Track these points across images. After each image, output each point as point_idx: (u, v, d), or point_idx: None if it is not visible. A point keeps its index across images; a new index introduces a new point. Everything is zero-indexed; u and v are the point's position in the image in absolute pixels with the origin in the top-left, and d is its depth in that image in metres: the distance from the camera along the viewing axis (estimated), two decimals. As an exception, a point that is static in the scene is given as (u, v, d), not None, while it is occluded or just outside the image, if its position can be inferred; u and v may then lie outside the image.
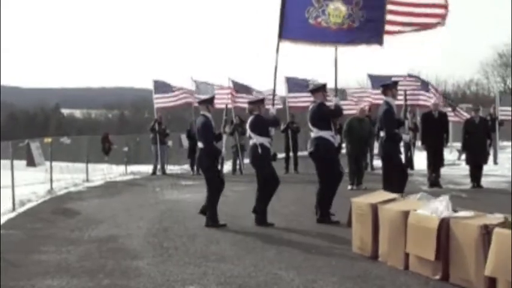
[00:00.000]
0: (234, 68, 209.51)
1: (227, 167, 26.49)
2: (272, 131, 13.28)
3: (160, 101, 28.60)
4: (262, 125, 13.09)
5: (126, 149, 31.04)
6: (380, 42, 14.66)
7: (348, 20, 14.31)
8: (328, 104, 13.47)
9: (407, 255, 8.60)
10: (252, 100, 14.20)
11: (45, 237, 11.85)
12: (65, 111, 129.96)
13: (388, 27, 14.65)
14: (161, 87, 28.64)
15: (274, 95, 15.18)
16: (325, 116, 12.95)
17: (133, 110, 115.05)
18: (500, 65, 77.18)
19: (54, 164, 22.86)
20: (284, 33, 14.19)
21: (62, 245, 10.96)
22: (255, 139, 13.04)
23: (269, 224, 12.75)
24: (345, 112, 18.83)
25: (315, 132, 13.01)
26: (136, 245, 10.98)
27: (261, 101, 13.67)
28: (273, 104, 14.32)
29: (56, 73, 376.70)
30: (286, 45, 14.39)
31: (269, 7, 16.82)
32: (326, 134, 12.88)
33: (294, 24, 14.27)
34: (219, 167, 13.47)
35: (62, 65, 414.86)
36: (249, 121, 13.30)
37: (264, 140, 13.02)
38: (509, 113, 27.67)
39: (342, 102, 18.82)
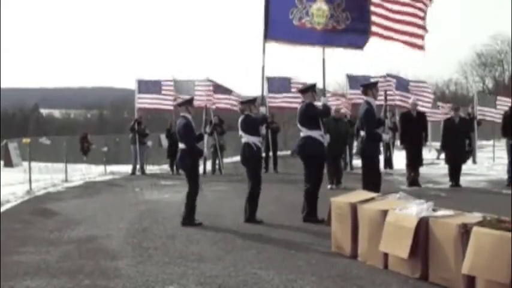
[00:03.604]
0: (216, 68, 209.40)
1: (207, 167, 26.54)
2: (263, 130, 13.41)
3: (143, 101, 28.45)
4: (252, 125, 13.20)
5: (105, 149, 30.90)
6: (362, 46, 14.79)
7: (332, 21, 14.40)
8: (316, 103, 13.57)
9: (386, 254, 8.63)
10: (243, 100, 14.29)
11: (24, 238, 11.78)
12: (44, 111, 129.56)
13: (376, 29, 14.74)
14: (145, 86, 28.46)
15: (262, 94, 15.23)
16: (313, 115, 13.03)
17: (112, 110, 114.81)
18: (478, 64, 78.00)
19: (33, 164, 22.74)
20: (269, 34, 14.26)
21: (41, 246, 10.91)
22: (246, 138, 13.14)
23: (258, 221, 12.93)
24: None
25: (303, 132, 13.11)
26: (115, 245, 10.95)
27: (252, 101, 13.75)
28: (262, 103, 14.40)
29: (34, 73, 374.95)
30: (271, 46, 14.46)
31: (254, 8, 16.91)
32: (315, 134, 12.97)
33: (279, 26, 14.35)
34: (201, 167, 13.61)
35: (41, 64, 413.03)
36: (239, 121, 13.39)
37: (255, 140, 13.14)
38: (488, 112, 27.86)
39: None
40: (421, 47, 14.86)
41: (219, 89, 27.42)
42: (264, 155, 26.31)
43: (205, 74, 27.49)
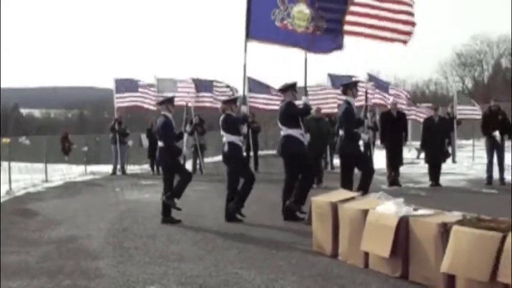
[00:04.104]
0: (198, 67, 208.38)
1: (187, 166, 26.52)
2: (244, 129, 13.44)
3: (121, 101, 28.38)
4: (233, 124, 13.24)
5: (85, 148, 30.81)
6: (340, 47, 14.85)
7: (312, 24, 14.45)
8: (297, 102, 13.59)
9: (367, 253, 8.66)
10: (225, 99, 14.34)
11: (4, 238, 11.69)
12: (24, 110, 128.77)
13: (352, 28, 14.79)
14: (123, 85, 28.40)
15: (244, 93, 15.25)
16: (293, 114, 13.05)
17: (93, 110, 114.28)
18: (458, 64, 78.45)
19: (12, 164, 22.62)
20: (251, 33, 14.28)
21: (21, 246, 10.88)
22: (227, 138, 13.15)
23: (239, 220, 13.00)
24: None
25: (284, 131, 13.14)
26: (96, 245, 10.93)
27: (233, 101, 13.79)
28: (244, 103, 14.43)
29: (14, 72, 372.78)
30: (253, 45, 14.48)
31: (236, 8, 16.93)
32: (295, 132, 12.99)
33: (261, 25, 14.38)
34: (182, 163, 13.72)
35: (21, 64, 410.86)
36: (220, 120, 13.41)
37: (235, 139, 13.17)
38: (467, 112, 28.00)
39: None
40: (404, 42, 14.92)
41: (201, 86, 27.34)
42: (244, 154, 26.41)
43: (187, 73, 27.39)
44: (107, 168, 28.49)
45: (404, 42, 14.83)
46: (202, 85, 27.29)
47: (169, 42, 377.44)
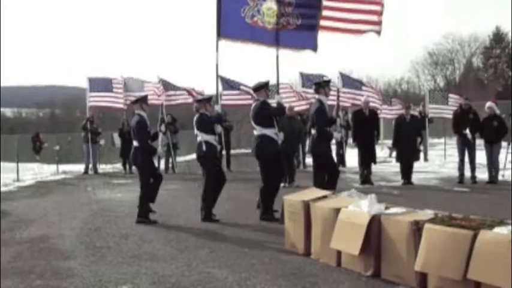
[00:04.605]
0: (167, 66, 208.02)
1: (160, 165, 26.48)
2: (218, 128, 13.40)
3: (94, 100, 28.29)
4: (207, 123, 13.19)
5: (57, 148, 30.68)
6: (315, 48, 14.89)
7: (282, 20, 14.46)
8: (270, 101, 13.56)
9: (339, 252, 8.68)
10: (199, 99, 14.30)
11: (-26, 238, 11.65)
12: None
13: (324, 23, 14.84)
14: (97, 85, 28.31)
15: (217, 92, 15.23)
16: (268, 114, 13.01)
17: (64, 109, 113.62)
18: (430, 63, 78.94)
19: (-17, 163, 22.50)
20: (222, 31, 14.27)
21: (-8, 246, 10.80)
22: (201, 137, 13.11)
23: (214, 220, 12.91)
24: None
25: (258, 130, 13.06)
26: (68, 245, 10.87)
27: (208, 100, 13.76)
28: (218, 102, 14.40)
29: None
30: (225, 44, 14.47)
31: (206, 5, 16.91)
32: (269, 132, 12.95)
33: (232, 23, 14.38)
34: (156, 164, 13.61)
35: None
36: (194, 119, 13.35)
37: (210, 138, 13.13)
38: (439, 110, 28.13)
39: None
40: (377, 31, 15.03)
41: (168, 86, 27.32)
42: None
43: (157, 73, 27.38)
44: (79, 168, 28.38)
45: (379, 32, 14.97)
46: (170, 86, 27.31)
47: (139, 41, 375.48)
